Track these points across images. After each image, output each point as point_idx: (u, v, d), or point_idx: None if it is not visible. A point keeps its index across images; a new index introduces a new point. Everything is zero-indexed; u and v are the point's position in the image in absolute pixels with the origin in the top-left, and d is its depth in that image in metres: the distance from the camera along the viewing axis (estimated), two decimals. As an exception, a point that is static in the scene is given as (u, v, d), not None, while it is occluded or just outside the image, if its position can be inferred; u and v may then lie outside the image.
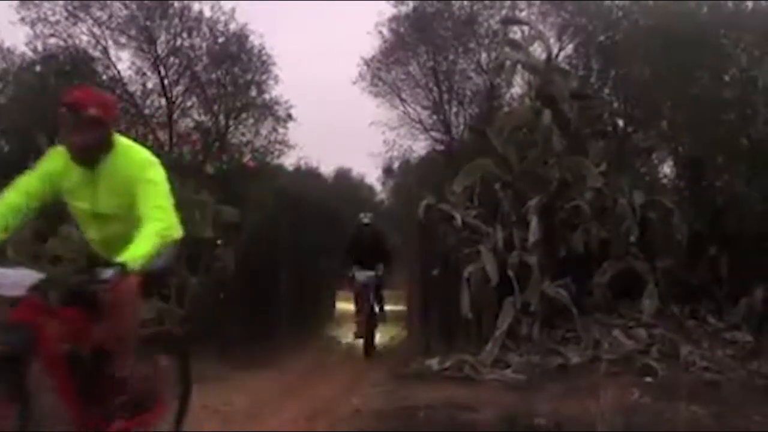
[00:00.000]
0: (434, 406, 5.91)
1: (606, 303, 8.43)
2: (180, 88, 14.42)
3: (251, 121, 14.95)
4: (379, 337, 10.23)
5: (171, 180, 3.49)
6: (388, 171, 18.32)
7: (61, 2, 13.45)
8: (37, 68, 13.54)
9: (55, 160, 3.44)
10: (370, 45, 14.96)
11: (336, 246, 11.99)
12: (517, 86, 13.01)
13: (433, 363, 7.50)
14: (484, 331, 7.95)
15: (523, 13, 13.88)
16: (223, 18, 14.20)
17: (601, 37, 12.58)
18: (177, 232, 3.55)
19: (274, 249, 10.39)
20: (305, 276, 11.61)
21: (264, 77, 14.62)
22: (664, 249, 8.83)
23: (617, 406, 5.57)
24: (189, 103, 14.65)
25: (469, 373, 7.21)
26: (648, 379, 6.80)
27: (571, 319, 7.96)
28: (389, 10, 14.52)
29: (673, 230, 8.76)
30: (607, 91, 12.55)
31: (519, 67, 10.43)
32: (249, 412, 6.20)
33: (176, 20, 14.04)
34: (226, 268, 9.20)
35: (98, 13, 13.67)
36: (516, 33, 12.69)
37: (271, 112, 14.81)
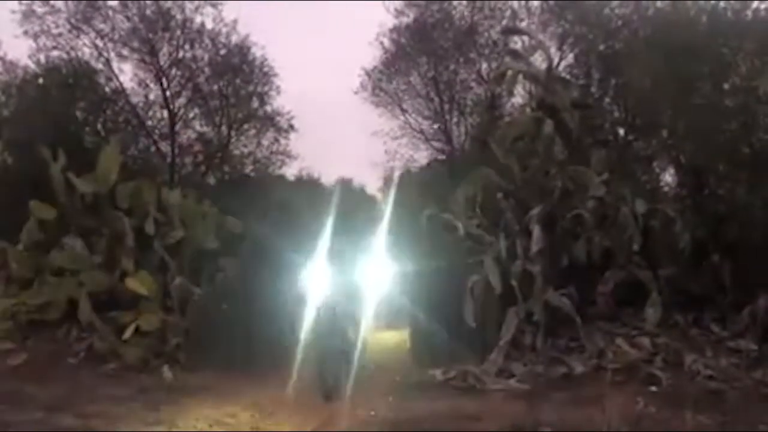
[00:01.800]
0: (439, 416, 5.90)
1: (609, 312, 8.42)
2: (182, 100, 14.48)
3: (253, 132, 14.99)
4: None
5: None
6: (388, 181, 18.29)
7: (63, 15, 13.52)
8: (40, 81, 13.60)
9: None
10: (371, 55, 15.01)
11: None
12: (518, 96, 13.06)
13: (438, 373, 7.49)
14: (488, 340, 7.94)
15: (524, 23, 13.95)
16: (224, 30, 14.26)
17: (602, 47, 12.62)
18: None
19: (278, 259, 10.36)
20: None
21: (266, 88, 14.68)
22: (666, 257, 8.81)
23: (622, 415, 5.56)
24: (191, 115, 14.70)
25: (473, 383, 7.20)
26: (652, 387, 6.79)
27: (574, 328, 7.95)
28: (390, 20, 14.61)
29: (675, 238, 8.75)
30: (608, 100, 12.58)
31: (520, 76, 10.47)
32: (253, 424, 6.19)
33: (178, 32, 14.11)
34: (229, 278, 9.19)
35: (101, 26, 13.74)
36: (516, 43, 12.76)
37: (272, 123, 14.85)
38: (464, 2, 14.48)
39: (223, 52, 14.40)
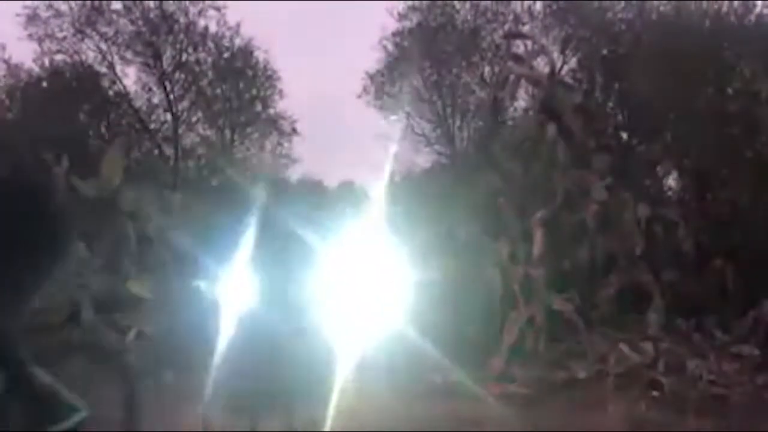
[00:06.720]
0: (438, 421, 5.87)
1: (612, 317, 8.39)
2: (185, 103, 14.55)
3: (256, 135, 15.04)
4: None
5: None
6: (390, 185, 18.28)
7: (68, 19, 13.61)
8: (44, 84, 13.66)
9: None
10: (374, 59, 15.04)
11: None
12: (521, 100, 13.07)
13: (437, 377, 7.45)
14: (489, 345, 7.91)
15: (527, 27, 13.97)
16: (228, 33, 14.33)
17: (605, 51, 12.62)
18: None
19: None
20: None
21: (269, 92, 14.73)
22: (669, 262, 8.78)
23: (624, 420, 5.54)
24: (194, 118, 14.77)
25: (473, 388, 7.16)
26: (655, 393, 6.76)
27: (576, 332, 7.91)
28: (393, 24, 14.63)
29: (678, 243, 8.73)
30: (611, 104, 12.57)
31: (522, 80, 10.46)
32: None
33: (182, 36, 14.18)
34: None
35: (104, 29, 13.83)
36: (519, 47, 12.74)
37: (275, 126, 14.89)
38: (467, 6, 14.51)
39: (226, 55, 14.46)
